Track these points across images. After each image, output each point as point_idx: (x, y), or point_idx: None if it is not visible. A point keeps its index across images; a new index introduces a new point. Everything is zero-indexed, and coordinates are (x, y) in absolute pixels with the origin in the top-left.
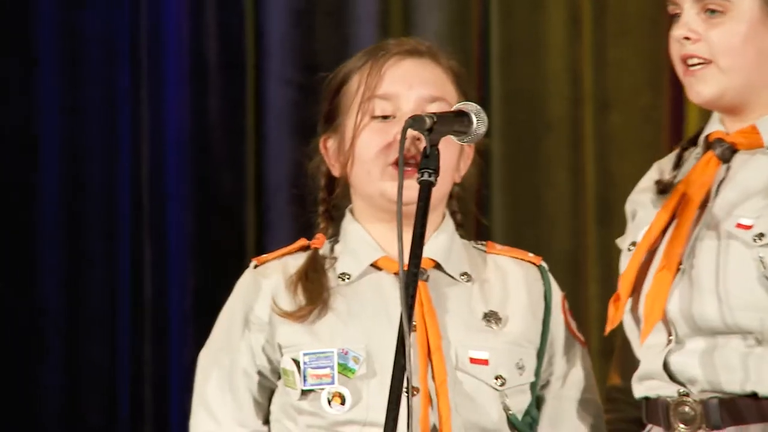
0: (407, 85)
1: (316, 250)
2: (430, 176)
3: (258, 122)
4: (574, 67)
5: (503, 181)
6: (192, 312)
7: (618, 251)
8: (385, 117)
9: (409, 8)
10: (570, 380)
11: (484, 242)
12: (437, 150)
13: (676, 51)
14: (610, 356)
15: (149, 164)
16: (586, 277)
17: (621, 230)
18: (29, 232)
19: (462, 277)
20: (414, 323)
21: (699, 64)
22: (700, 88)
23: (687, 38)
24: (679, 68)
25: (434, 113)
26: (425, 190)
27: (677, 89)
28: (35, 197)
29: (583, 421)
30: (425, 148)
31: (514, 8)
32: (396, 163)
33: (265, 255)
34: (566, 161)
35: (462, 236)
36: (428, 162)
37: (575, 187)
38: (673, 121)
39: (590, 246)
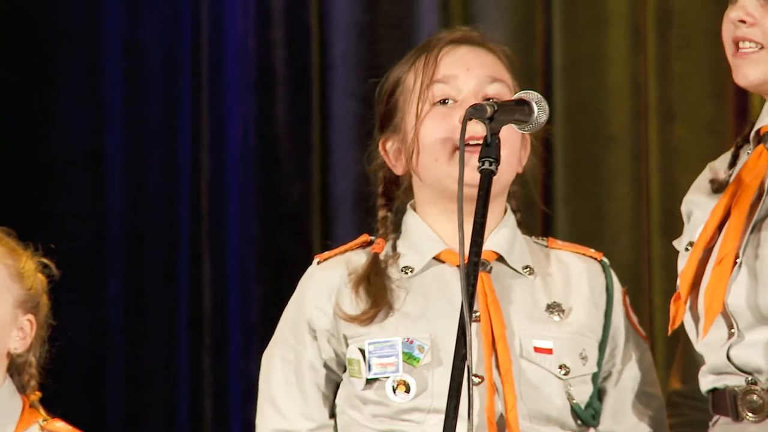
0: (465, 67)
1: (376, 254)
2: (490, 165)
3: (323, 134)
4: (636, 80)
5: (566, 194)
6: (258, 323)
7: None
8: (445, 101)
9: (472, 21)
10: (632, 373)
11: (545, 238)
12: (498, 139)
13: (729, 32)
14: None
15: (209, 176)
16: (650, 289)
17: None
18: (94, 245)
19: (524, 270)
20: (478, 313)
21: (751, 47)
22: (748, 71)
23: (743, 21)
24: (729, 49)
25: (495, 102)
26: (486, 179)
27: (741, 101)
28: (101, 211)
29: (644, 413)
30: (486, 136)
31: (577, 22)
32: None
33: (327, 252)
34: (629, 174)
35: (523, 233)
36: (489, 150)
37: (638, 200)
38: (736, 132)
39: (654, 258)
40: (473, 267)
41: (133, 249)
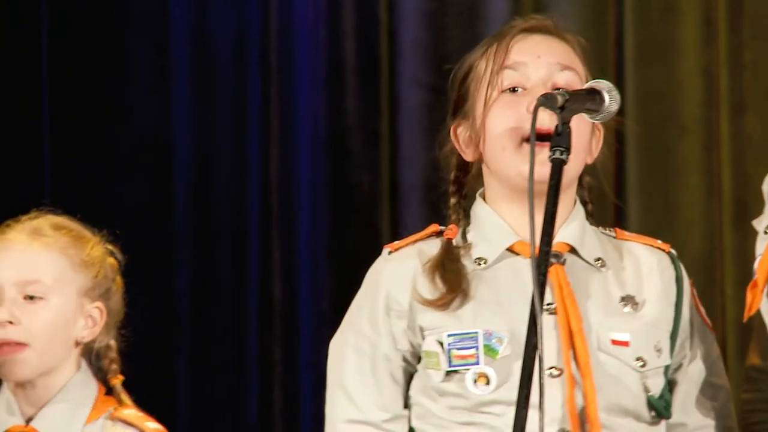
0: (535, 55)
1: (450, 240)
2: (561, 154)
3: (392, 124)
4: (708, 70)
5: (637, 185)
6: (328, 314)
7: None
8: (514, 89)
9: (542, 10)
10: (700, 365)
11: (612, 229)
12: (569, 128)
13: None
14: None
15: (278, 167)
16: (722, 279)
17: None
18: (164, 237)
19: (597, 262)
20: (554, 305)
21: None
22: None
23: None
24: None
25: (566, 91)
26: (557, 168)
27: None
28: (170, 202)
29: (711, 405)
30: (557, 125)
31: (648, 11)
32: (528, 140)
33: (397, 242)
34: (701, 164)
35: (592, 224)
36: (560, 140)
37: (710, 190)
38: None
39: (726, 248)
40: (544, 257)
41: (202, 240)
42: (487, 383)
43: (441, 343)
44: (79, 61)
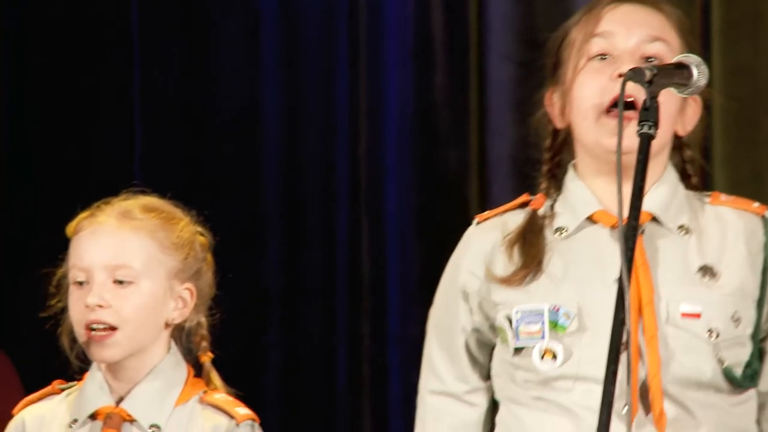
0: (625, 25)
1: (534, 210)
2: (649, 129)
3: (480, 98)
4: None
5: (725, 158)
6: (417, 288)
7: None
8: (602, 57)
9: None
10: None
11: (708, 193)
12: (657, 102)
13: None
14: None
15: (367, 141)
16: None
17: None
18: (253, 213)
19: (680, 230)
20: None
21: None
22: None
23: None
24: None
25: (654, 66)
26: (644, 143)
27: None
28: (259, 177)
29: None
30: (645, 100)
31: None
32: (609, 111)
33: (487, 212)
34: None
35: (687, 187)
36: (648, 114)
37: None
38: None
39: None
40: (632, 231)
41: (291, 215)
42: (554, 358)
43: (509, 319)
44: (170, 32)
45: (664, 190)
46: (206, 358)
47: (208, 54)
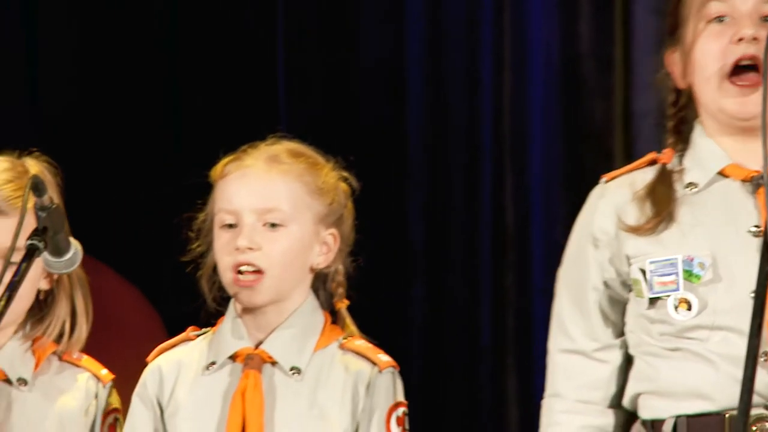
0: None
1: (664, 164)
2: None
3: (626, 50)
4: None
5: None
6: (561, 241)
7: None
8: (720, 19)
9: None
10: None
11: None
12: None
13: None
14: None
15: (511, 95)
16: None
17: None
18: (397, 165)
19: None
20: (761, 229)
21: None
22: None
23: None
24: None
25: None
26: None
27: None
28: (403, 129)
29: None
30: None
31: None
32: (731, 76)
33: (615, 171)
34: None
35: None
36: None
37: None
38: None
39: None
40: None
41: (434, 167)
42: (689, 309)
43: (643, 271)
44: None
45: None
46: (342, 304)
47: (351, 6)
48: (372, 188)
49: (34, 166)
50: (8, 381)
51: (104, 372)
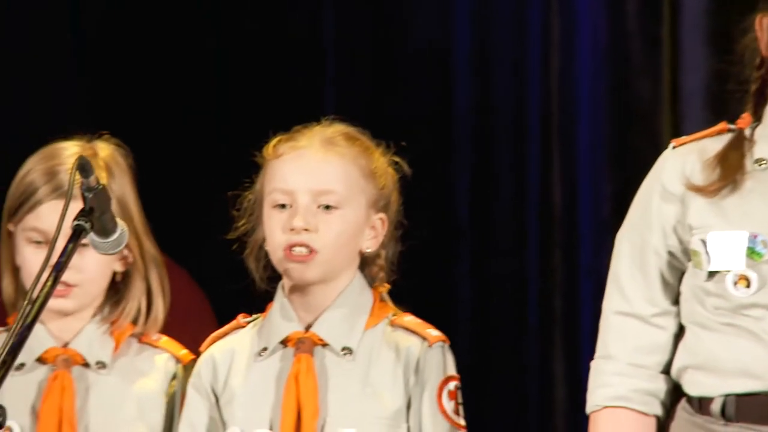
0: None
1: (741, 129)
2: None
3: (673, 29)
4: None
5: None
6: (609, 221)
7: None
8: None
9: None
10: None
11: None
12: None
13: None
14: None
15: (558, 74)
16: None
17: None
18: (443, 145)
19: None
20: None
21: None
22: None
23: None
24: None
25: None
26: None
27: None
28: (450, 110)
29: None
30: None
31: None
32: None
33: (684, 137)
34: None
35: None
36: None
37: None
38: None
39: None
40: None
41: (481, 147)
42: (748, 286)
43: (704, 243)
44: None
45: None
46: (383, 288)
47: None
48: (419, 170)
49: (104, 149)
50: (86, 365)
51: (183, 352)
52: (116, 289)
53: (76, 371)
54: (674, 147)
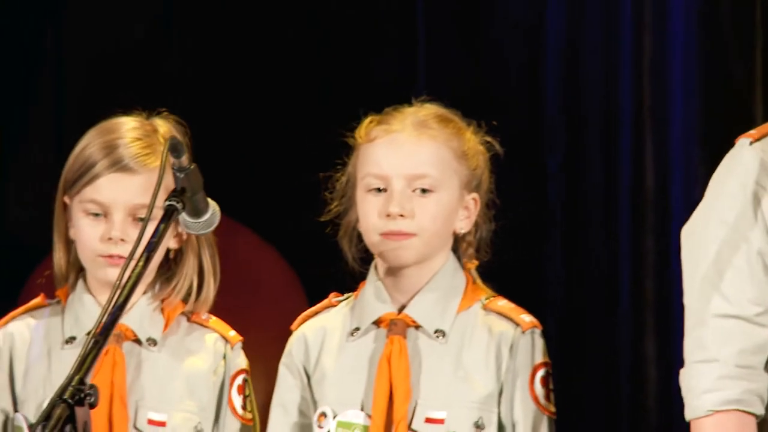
0: None
1: None
2: None
3: (765, 11)
4: None
5: None
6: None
7: None
8: None
9: None
10: None
11: None
12: None
13: None
14: None
15: (651, 56)
16: None
17: None
18: (534, 127)
19: None
20: None
21: None
22: None
23: None
24: None
25: None
26: None
27: None
28: (540, 90)
29: None
30: None
31: None
32: None
33: (752, 131)
34: None
35: None
36: None
37: None
38: None
39: None
40: None
41: (572, 129)
42: None
43: None
44: None
45: None
46: (471, 265)
47: None
48: (511, 151)
49: (162, 125)
50: (137, 341)
51: (232, 333)
52: (168, 267)
53: (127, 346)
54: (751, 143)
